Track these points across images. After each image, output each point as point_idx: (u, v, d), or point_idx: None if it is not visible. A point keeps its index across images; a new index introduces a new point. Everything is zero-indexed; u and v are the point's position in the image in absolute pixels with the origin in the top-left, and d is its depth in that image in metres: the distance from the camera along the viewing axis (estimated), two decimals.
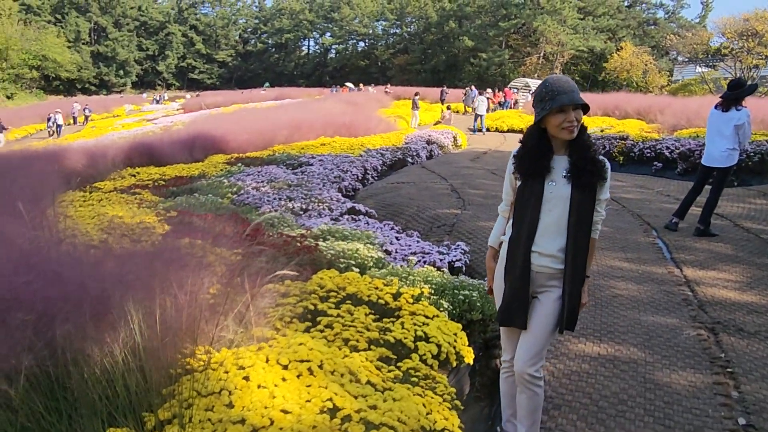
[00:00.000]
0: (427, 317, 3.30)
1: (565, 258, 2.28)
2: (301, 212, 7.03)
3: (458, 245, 5.49)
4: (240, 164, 10.41)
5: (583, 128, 2.29)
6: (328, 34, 78.42)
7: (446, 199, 8.39)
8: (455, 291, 3.81)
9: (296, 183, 8.48)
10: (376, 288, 3.51)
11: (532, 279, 2.33)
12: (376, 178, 11.11)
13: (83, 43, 70.96)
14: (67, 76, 64.04)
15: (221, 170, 9.75)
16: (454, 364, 3.17)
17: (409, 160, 13.32)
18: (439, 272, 4.32)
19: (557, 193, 2.28)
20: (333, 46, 78.87)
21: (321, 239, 4.97)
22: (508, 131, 21.64)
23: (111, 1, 74.23)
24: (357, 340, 2.87)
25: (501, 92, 30.56)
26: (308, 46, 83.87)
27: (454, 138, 17.03)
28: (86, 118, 35.21)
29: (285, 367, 2.34)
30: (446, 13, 62.16)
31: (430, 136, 15.72)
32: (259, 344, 2.52)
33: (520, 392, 2.37)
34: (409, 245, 5.44)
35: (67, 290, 1.89)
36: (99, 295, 1.97)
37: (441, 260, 5.01)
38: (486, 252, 2.78)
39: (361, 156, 11.65)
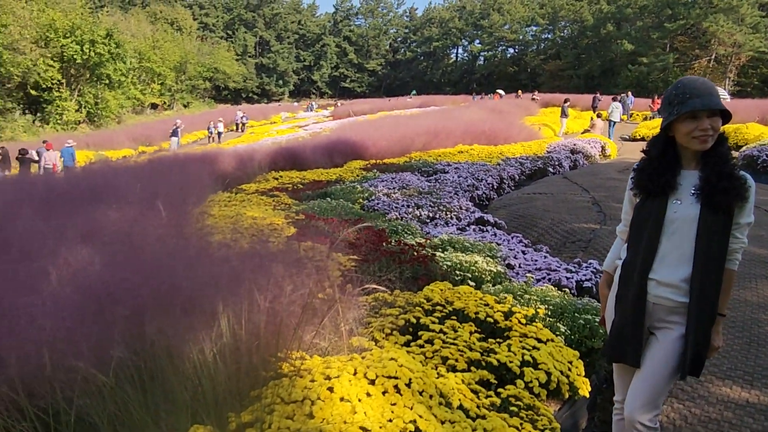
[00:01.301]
0: (539, 341, 3.05)
1: (691, 290, 1.93)
2: (428, 220, 6.96)
3: (590, 263, 5.07)
4: (375, 170, 10.62)
5: (721, 139, 1.94)
6: (477, 41, 77.94)
7: (585, 213, 7.84)
8: (576, 314, 3.48)
9: (427, 190, 8.43)
10: (486, 305, 3.32)
11: (648, 311, 2.01)
12: (512, 188, 10.75)
13: (249, 56, 77.79)
14: (234, 86, 70.71)
15: (357, 176, 10.00)
16: (567, 396, 2.89)
17: (550, 170, 12.72)
18: (559, 292, 3.99)
19: (683, 213, 1.95)
20: (481, 53, 78.30)
21: (440, 249, 4.85)
22: None
23: (275, 16, 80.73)
24: (456, 360, 2.71)
25: (659, 99, 28.19)
26: (456, 53, 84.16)
27: (602, 147, 15.97)
28: (243, 125, 38.51)
29: (372, 382, 2.26)
30: (603, 15, 58.79)
31: (575, 145, 14.89)
32: (351, 355, 2.47)
33: None
34: (535, 260, 5.13)
35: (162, 289, 1.96)
36: (191, 295, 2.02)
37: (568, 279, 4.64)
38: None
39: (498, 165, 11.35)
